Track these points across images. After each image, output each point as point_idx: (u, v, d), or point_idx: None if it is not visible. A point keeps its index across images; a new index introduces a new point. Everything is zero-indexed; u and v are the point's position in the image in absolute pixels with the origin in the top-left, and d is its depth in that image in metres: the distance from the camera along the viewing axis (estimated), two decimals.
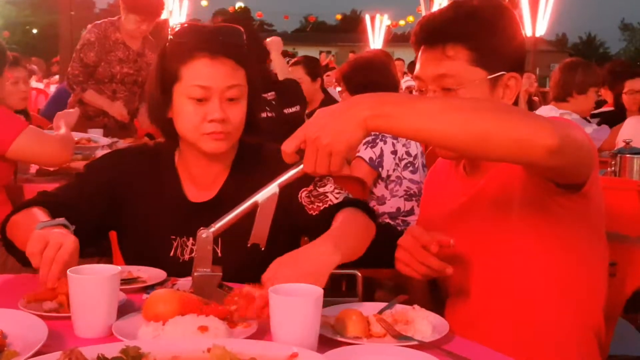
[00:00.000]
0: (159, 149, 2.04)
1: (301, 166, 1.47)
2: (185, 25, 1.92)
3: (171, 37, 1.89)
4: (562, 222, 1.66)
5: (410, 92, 6.72)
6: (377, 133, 3.48)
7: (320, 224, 1.78)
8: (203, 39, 1.85)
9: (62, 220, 1.69)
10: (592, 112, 5.49)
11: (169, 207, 1.94)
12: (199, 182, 1.96)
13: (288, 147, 1.45)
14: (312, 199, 1.89)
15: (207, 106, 1.83)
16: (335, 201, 1.87)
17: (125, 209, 1.95)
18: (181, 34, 1.88)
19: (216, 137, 1.84)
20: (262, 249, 1.59)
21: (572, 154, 1.45)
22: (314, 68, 5.43)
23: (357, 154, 3.53)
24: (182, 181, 1.97)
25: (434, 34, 1.72)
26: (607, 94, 6.27)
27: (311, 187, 1.91)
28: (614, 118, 5.77)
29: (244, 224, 1.56)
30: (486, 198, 1.74)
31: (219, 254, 1.86)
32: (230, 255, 1.83)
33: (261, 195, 1.55)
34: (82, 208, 1.88)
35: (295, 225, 1.89)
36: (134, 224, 1.95)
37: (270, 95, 3.96)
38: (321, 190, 1.90)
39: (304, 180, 1.84)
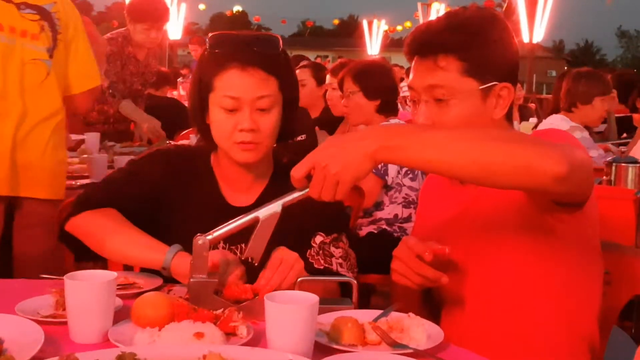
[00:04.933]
0: (194, 151, 2.07)
1: (307, 190, 1.50)
2: (220, 34, 1.91)
3: (207, 46, 1.90)
4: (557, 233, 1.66)
5: (405, 102, 6.71)
6: None
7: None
8: (235, 49, 1.85)
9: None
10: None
11: (210, 210, 1.94)
12: (236, 186, 1.98)
13: (297, 172, 1.49)
14: (321, 252, 1.94)
15: (237, 116, 1.84)
16: (334, 269, 1.93)
17: (165, 210, 1.96)
18: (215, 44, 1.89)
19: (245, 147, 1.86)
20: (256, 264, 1.61)
21: (579, 178, 1.47)
22: (321, 73, 5.36)
23: None
24: (219, 184, 1.99)
25: (426, 44, 1.73)
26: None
27: (327, 240, 1.96)
28: (626, 123, 5.79)
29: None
30: (481, 208, 1.75)
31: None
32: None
33: (263, 212, 1.56)
34: (129, 208, 1.90)
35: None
36: (173, 226, 1.94)
37: None
38: (332, 250, 1.95)
39: (325, 227, 1.94)
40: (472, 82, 1.69)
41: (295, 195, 1.54)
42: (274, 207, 1.56)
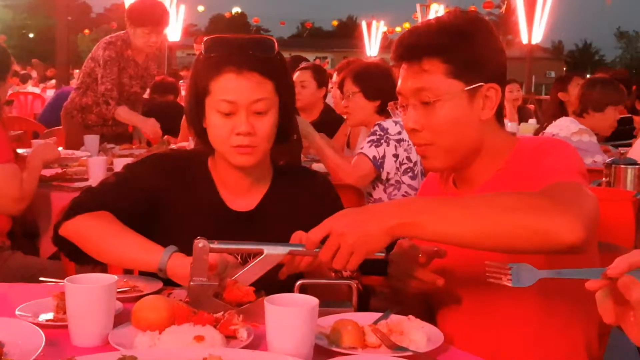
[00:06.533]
0: (191, 155, 2.07)
1: (317, 250, 1.51)
2: (215, 38, 1.92)
3: (202, 50, 1.90)
4: None
5: (396, 107, 6.73)
6: (382, 133, 3.50)
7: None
8: (230, 52, 1.86)
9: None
10: None
11: (208, 214, 1.94)
12: (235, 189, 1.98)
13: (314, 236, 1.50)
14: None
15: (234, 119, 1.84)
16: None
17: (162, 214, 1.95)
18: (210, 48, 1.89)
19: (243, 151, 1.86)
20: None
21: (593, 232, 1.51)
22: (322, 75, 5.38)
23: (361, 150, 3.53)
24: (218, 188, 1.98)
25: (410, 49, 1.74)
26: None
27: None
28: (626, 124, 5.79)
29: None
30: None
31: None
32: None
33: (270, 249, 1.59)
34: (124, 212, 1.89)
35: None
36: (170, 230, 1.93)
37: None
38: None
39: None
40: (457, 83, 1.70)
41: (306, 250, 1.54)
42: (281, 250, 1.59)
